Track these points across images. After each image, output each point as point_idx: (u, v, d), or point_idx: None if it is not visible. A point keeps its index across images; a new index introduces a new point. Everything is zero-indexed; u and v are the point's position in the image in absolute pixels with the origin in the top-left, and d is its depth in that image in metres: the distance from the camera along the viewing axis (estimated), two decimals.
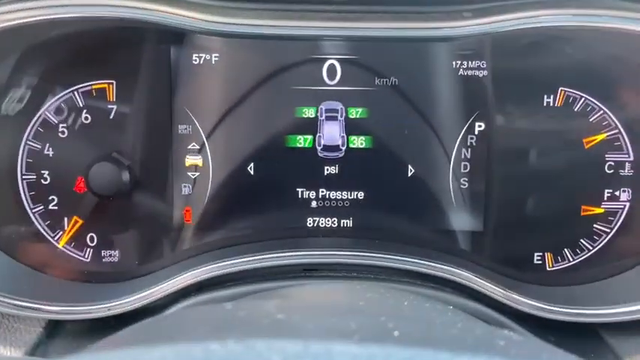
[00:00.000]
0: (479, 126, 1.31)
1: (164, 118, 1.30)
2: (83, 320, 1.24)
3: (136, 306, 1.23)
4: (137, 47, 1.28)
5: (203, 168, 1.32)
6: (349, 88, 1.30)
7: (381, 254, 1.28)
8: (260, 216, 1.33)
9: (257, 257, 1.27)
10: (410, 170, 1.32)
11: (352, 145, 1.32)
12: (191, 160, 1.32)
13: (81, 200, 1.31)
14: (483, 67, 1.29)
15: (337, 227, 1.34)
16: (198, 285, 1.25)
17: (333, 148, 1.32)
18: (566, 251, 1.34)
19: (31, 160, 1.30)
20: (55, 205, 1.32)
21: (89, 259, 1.34)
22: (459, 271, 1.26)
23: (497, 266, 1.31)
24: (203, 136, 1.31)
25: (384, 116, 1.31)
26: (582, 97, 1.29)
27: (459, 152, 1.32)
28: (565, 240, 1.34)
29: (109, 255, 1.34)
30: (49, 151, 1.30)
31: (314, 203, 1.34)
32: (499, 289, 1.26)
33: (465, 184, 1.33)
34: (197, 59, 1.29)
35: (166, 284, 1.24)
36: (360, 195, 1.33)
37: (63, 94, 1.30)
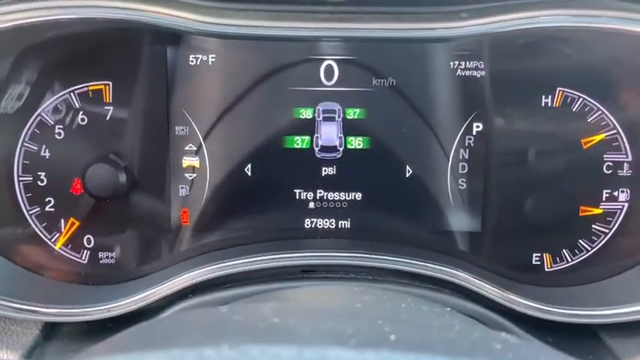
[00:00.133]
0: (477, 126, 1.31)
1: (161, 120, 1.30)
2: (80, 322, 1.24)
3: (134, 308, 1.23)
4: (134, 48, 1.27)
5: (200, 169, 1.32)
6: (347, 89, 1.30)
7: (379, 255, 1.27)
8: (257, 217, 1.33)
9: (255, 259, 1.26)
10: (408, 171, 1.32)
11: (350, 146, 1.31)
12: (188, 162, 1.32)
13: (78, 202, 1.31)
14: (481, 68, 1.28)
15: (335, 228, 1.34)
16: (195, 287, 1.24)
17: (331, 149, 1.31)
18: (564, 252, 1.34)
19: (28, 162, 1.30)
20: (52, 207, 1.31)
21: (86, 261, 1.33)
22: (457, 272, 1.26)
23: (495, 267, 1.31)
24: (200, 138, 1.31)
25: (382, 117, 1.30)
26: (580, 98, 1.29)
27: (457, 153, 1.32)
28: (563, 241, 1.33)
29: (106, 257, 1.33)
30: (46, 153, 1.30)
31: (312, 204, 1.33)
32: (497, 290, 1.25)
33: (463, 185, 1.33)
34: (194, 60, 1.29)
35: (164, 286, 1.24)
36: (358, 196, 1.33)
37: (59, 96, 1.29)
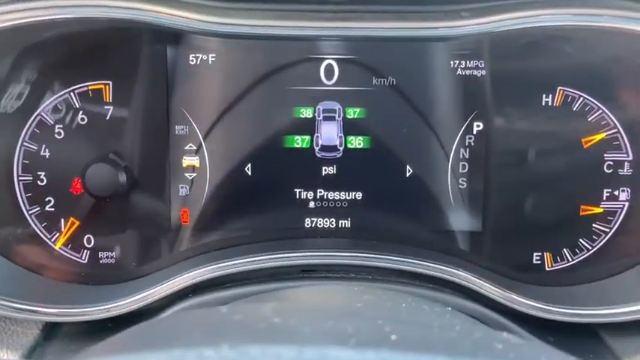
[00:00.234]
0: (477, 126, 1.31)
1: (161, 119, 1.30)
2: (80, 322, 1.24)
3: (134, 308, 1.23)
4: (133, 48, 1.27)
5: (200, 169, 1.32)
6: (347, 88, 1.29)
7: (380, 255, 1.27)
8: (258, 217, 1.33)
9: (255, 258, 1.26)
10: (408, 170, 1.32)
11: (350, 146, 1.31)
12: (188, 161, 1.32)
13: (78, 201, 1.30)
14: (481, 67, 1.28)
15: (335, 228, 1.34)
16: (195, 287, 1.24)
17: (331, 149, 1.31)
18: (565, 251, 1.34)
19: (28, 162, 1.30)
20: (52, 207, 1.31)
21: (86, 261, 1.33)
22: (458, 272, 1.25)
23: (496, 266, 1.31)
24: (200, 137, 1.31)
25: (382, 116, 1.30)
26: (581, 97, 1.29)
27: (458, 152, 1.32)
28: (564, 240, 1.33)
29: (106, 256, 1.33)
30: (46, 152, 1.30)
31: (312, 204, 1.33)
32: (498, 290, 1.25)
33: (464, 184, 1.33)
34: (194, 59, 1.28)
35: (164, 286, 1.24)
36: (358, 195, 1.33)
37: (59, 95, 1.29)
